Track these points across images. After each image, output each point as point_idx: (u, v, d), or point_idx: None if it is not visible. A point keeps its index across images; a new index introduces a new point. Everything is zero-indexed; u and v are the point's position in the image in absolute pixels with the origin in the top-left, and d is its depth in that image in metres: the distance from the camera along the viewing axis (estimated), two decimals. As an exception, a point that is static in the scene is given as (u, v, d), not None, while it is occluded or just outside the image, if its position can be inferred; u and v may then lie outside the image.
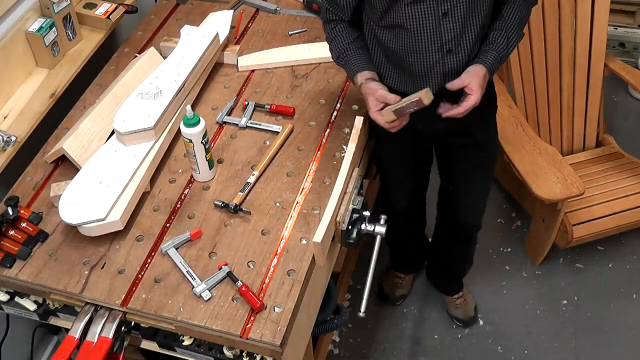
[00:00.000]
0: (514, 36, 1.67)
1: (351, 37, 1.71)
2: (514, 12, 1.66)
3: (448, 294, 2.47)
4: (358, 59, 1.69)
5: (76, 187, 1.59)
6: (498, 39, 1.65)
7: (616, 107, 3.13)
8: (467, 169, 1.95)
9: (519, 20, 1.67)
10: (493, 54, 1.63)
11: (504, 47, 1.65)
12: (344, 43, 1.71)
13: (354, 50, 1.70)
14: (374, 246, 1.70)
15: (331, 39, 1.73)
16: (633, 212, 2.38)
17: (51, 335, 2.25)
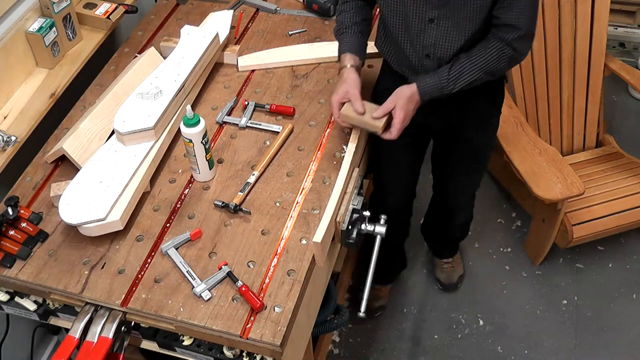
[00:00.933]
0: (465, 75, 1.62)
1: (356, 18, 1.73)
2: (483, 54, 1.62)
3: (438, 257, 2.54)
4: (353, 40, 1.71)
5: (76, 187, 1.59)
6: (445, 70, 1.63)
7: (616, 107, 3.14)
8: (458, 162, 2.01)
9: (482, 64, 1.62)
10: (433, 79, 1.63)
11: (445, 80, 1.63)
12: (347, 21, 1.73)
13: (353, 32, 1.72)
14: (374, 246, 1.70)
15: (339, 12, 1.77)
16: (633, 212, 2.38)
17: (51, 335, 2.25)
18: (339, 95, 1.63)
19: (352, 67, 1.66)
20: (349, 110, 1.62)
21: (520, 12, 1.54)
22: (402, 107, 1.60)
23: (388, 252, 2.29)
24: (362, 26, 1.74)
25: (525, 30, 1.57)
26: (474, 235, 2.69)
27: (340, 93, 1.63)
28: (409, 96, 1.61)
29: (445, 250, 2.52)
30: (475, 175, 2.11)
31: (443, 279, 2.53)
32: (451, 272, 2.53)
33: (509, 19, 1.56)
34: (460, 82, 1.63)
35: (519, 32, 1.57)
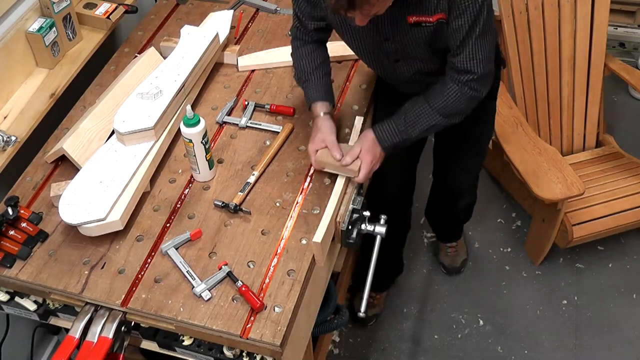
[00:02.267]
0: (423, 121, 1.62)
1: (316, 61, 1.72)
2: (440, 98, 1.60)
3: (442, 240, 2.56)
4: (319, 87, 1.71)
5: (76, 187, 1.59)
6: (401, 116, 1.63)
7: (616, 107, 3.13)
8: (457, 149, 2.03)
9: (441, 107, 1.60)
10: (390, 127, 1.64)
11: (402, 126, 1.63)
12: (308, 66, 1.72)
13: (317, 78, 1.72)
14: (374, 246, 1.70)
15: (296, 58, 1.75)
16: (633, 212, 2.38)
17: (51, 335, 2.25)
18: (315, 144, 1.65)
19: (325, 114, 1.68)
20: (324, 156, 1.64)
21: (469, 57, 1.53)
22: (367, 150, 1.62)
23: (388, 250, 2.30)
24: (324, 68, 1.74)
25: (480, 73, 1.55)
26: (474, 235, 2.69)
27: (316, 142, 1.65)
28: (372, 139, 1.64)
29: (449, 233, 2.54)
30: (475, 161, 2.12)
31: (447, 263, 2.56)
32: (455, 256, 2.55)
33: (461, 65, 1.55)
34: (419, 127, 1.63)
35: (473, 76, 1.56)
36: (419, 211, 2.58)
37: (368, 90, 1.94)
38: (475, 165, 2.14)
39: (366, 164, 1.62)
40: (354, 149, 1.63)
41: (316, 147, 1.65)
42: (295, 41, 1.76)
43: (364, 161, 1.62)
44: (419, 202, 2.44)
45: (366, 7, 1.34)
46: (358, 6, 1.32)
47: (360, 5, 1.32)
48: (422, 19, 1.50)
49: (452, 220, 2.48)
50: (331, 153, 1.63)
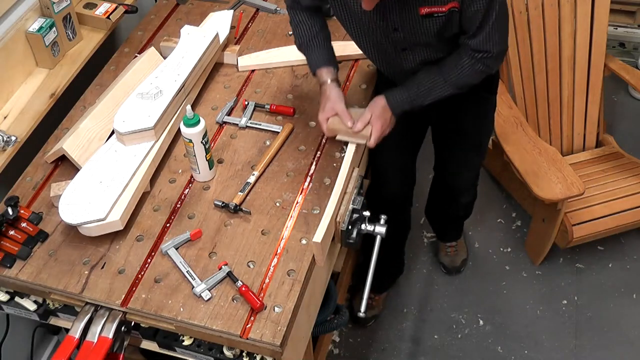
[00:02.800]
0: (436, 91, 1.66)
1: (315, 27, 1.74)
2: (454, 70, 1.63)
3: (442, 240, 2.57)
4: (322, 53, 1.73)
5: (76, 187, 1.59)
6: (414, 85, 1.66)
7: (616, 107, 3.13)
8: (457, 147, 2.04)
9: (454, 80, 1.64)
10: (403, 95, 1.67)
11: (415, 95, 1.67)
12: (307, 33, 1.73)
13: (319, 43, 1.73)
14: (374, 246, 1.70)
15: (295, 25, 1.76)
16: (633, 212, 2.38)
17: (51, 335, 2.25)
18: (326, 112, 1.67)
19: (332, 81, 1.70)
20: (336, 124, 1.67)
21: (486, 39, 1.56)
22: (378, 116, 1.65)
23: (389, 250, 2.30)
24: (323, 33, 1.75)
25: (496, 52, 1.60)
26: (474, 235, 2.69)
27: (327, 110, 1.67)
28: (383, 105, 1.67)
29: (449, 232, 2.54)
30: (475, 158, 2.12)
31: (447, 263, 2.56)
32: (455, 256, 2.55)
33: (477, 46, 1.58)
34: (431, 97, 1.67)
35: (489, 54, 1.59)
36: (418, 211, 2.58)
37: (368, 90, 1.94)
38: (476, 162, 2.14)
39: (377, 129, 1.65)
40: (365, 115, 1.65)
41: (327, 115, 1.67)
42: (290, 10, 1.76)
43: (375, 127, 1.64)
44: (419, 202, 2.45)
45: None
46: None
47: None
48: (434, 9, 1.50)
49: (452, 218, 2.47)
50: (342, 120, 1.65)
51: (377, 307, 2.44)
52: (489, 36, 1.55)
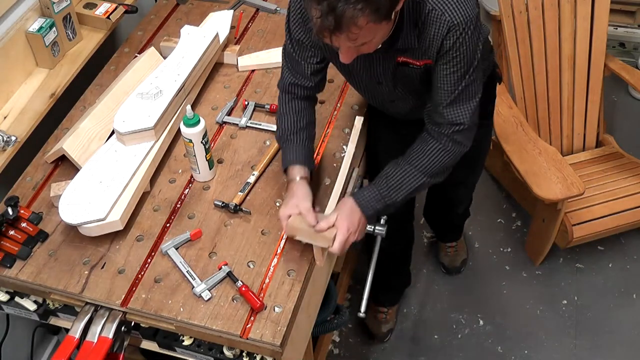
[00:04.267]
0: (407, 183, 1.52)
1: (301, 122, 1.62)
2: (423, 157, 1.51)
3: (441, 240, 2.57)
4: (299, 150, 1.59)
5: (76, 187, 1.59)
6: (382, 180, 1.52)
7: (616, 107, 3.13)
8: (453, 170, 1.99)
9: (425, 167, 1.51)
10: (372, 193, 1.52)
11: (385, 190, 1.52)
12: (290, 127, 1.61)
13: (299, 140, 1.60)
14: (374, 246, 1.70)
15: (281, 114, 1.64)
16: (633, 212, 2.38)
17: (51, 335, 2.25)
18: (288, 209, 1.50)
19: (302, 179, 1.55)
20: (297, 223, 1.48)
21: (464, 109, 1.47)
22: (343, 218, 1.48)
23: (395, 265, 2.29)
24: (307, 131, 1.62)
25: (469, 124, 1.49)
26: (474, 235, 2.69)
27: (289, 206, 1.50)
28: (350, 206, 1.51)
29: (448, 233, 2.55)
30: (472, 175, 2.13)
31: (447, 263, 2.56)
32: (454, 256, 2.56)
33: (453, 117, 1.48)
34: (403, 191, 1.52)
35: (462, 127, 1.49)
36: (418, 211, 2.57)
37: (360, 112, 1.93)
38: (472, 179, 2.16)
39: (342, 232, 1.46)
40: (330, 216, 1.48)
41: (289, 212, 1.49)
42: (284, 95, 1.64)
43: (340, 228, 1.46)
44: (418, 202, 2.44)
45: (354, 31, 1.23)
46: (345, 28, 1.22)
47: (348, 27, 1.22)
48: (409, 60, 1.46)
49: (449, 224, 2.50)
50: (305, 218, 1.48)
51: (392, 320, 2.41)
52: (460, 102, 1.46)
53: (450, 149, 1.51)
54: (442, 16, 1.36)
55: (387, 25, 1.31)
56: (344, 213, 1.49)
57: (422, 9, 1.37)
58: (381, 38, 1.37)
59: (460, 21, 1.35)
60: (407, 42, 1.42)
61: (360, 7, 1.19)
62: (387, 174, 1.53)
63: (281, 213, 1.51)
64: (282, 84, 1.64)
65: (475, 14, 1.37)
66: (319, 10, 1.21)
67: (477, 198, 2.37)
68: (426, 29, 1.39)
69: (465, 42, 1.38)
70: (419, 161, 1.52)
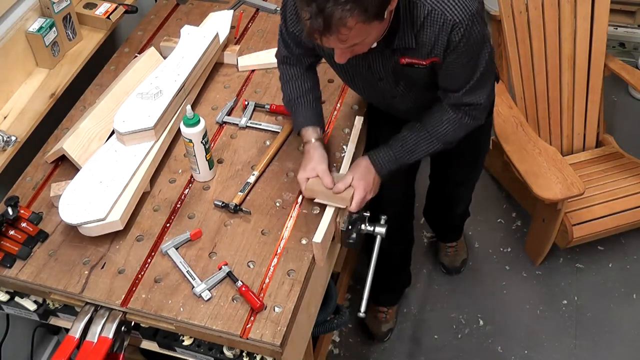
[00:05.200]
0: (422, 147, 1.58)
1: (306, 85, 1.66)
2: (440, 126, 1.57)
3: (441, 240, 2.57)
4: (309, 112, 1.65)
5: (76, 187, 1.59)
6: (398, 142, 1.58)
7: (616, 107, 3.13)
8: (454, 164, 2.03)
9: (440, 135, 1.58)
10: (387, 154, 1.59)
11: (400, 152, 1.59)
12: (296, 90, 1.66)
13: (307, 102, 1.65)
14: (374, 246, 1.70)
15: (285, 81, 1.68)
16: (633, 212, 2.38)
17: (51, 335, 2.25)
18: (306, 172, 1.57)
19: (317, 140, 1.61)
20: (315, 184, 1.56)
21: (474, 91, 1.50)
22: (360, 177, 1.55)
23: (395, 266, 2.29)
24: (314, 93, 1.67)
25: (485, 103, 1.54)
26: (474, 235, 2.69)
27: (307, 170, 1.57)
28: (366, 166, 1.58)
29: (448, 233, 2.55)
30: (471, 175, 2.14)
31: (447, 263, 2.56)
32: (454, 256, 2.56)
33: (463, 99, 1.52)
34: (417, 153, 1.59)
35: (477, 106, 1.54)
36: (418, 211, 2.57)
37: (360, 112, 1.92)
38: (472, 178, 2.16)
39: (359, 192, 1.54)
40: (347, 177, 1.55)
41: (307, 175, 1.57)
42: (282, 65, 1.70)
43: (357, 189, 1.54)
44: (418, 201, 2.44)
45: (343, 32, 1.24)
46: (334, 29, 1.23)
47: (337, 28, 1.22)
48: (414, 61, 1.47)
49: (449, 224, 2.50)
50: (322, 181, 1.55)
51: (391, 320, 2.41)
52: (476, 88, 1.50)
53: (466, 122, 1.56)
54: (443, 16, 1.36)
55: (379, 25, 1.31)
56: (359, 173, 1.56)
57: (420, 9, 1.37)
58: (375, 38, 1.37)
59: (463, 18, 1.36)
60: (404, 42, 1.42)
61: (348, 8, 1.19)
62: (404, 137, 1.59)
63: (300, 177, 1.58)
64: (279, 55, 1.69)
65: (475, 7, 1.38)
66: (308, 12, 1.22)
67: (477, 198, 2.37)
68: (426, 30, 1.39)
69: (472, 35, 1.39)
70: (435, 128, 1.57)
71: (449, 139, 1.59)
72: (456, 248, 2.56)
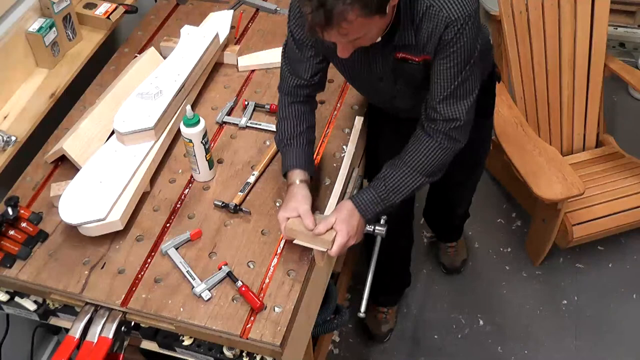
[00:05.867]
0: (405, 184, 1.51)
1: (301, 126, 1.61)
2: (420, 157, 1.50)
3: (441, 240, 2.57)
4: (300, 154, 1.58)
5: (76, 187, 1.59)
6: (381, 182, 1.51)
7: (616, 107, 3.13)
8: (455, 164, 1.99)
9: (422, 167, 1.51)
10: (370, 196, 1.51)
11: (384, 193, 1.51)
12: (290, 130, 1.60)
13: (299, 144, 1.59)
14: (374, 246, 1.70)
15: (281, 118, 1.63)
16: (633, 212, 2.38)
17: (51, 335, 2.25)
18: (287, 212, 1.50)
19: (302, 182, 1.54)
20: (296, 225, 1.48)
21: (459, 106, 1.46)
22: (343, 220, 1.48)
23: (395, 265, 2.29)
24: (307, 135, 1.61)
25: (465, 120, 1.48)
26: (474, 235, 2.69)
27: (289, 209, 1.50)
28: (349, 209, 1.50)
29: (448, 234, 2.55)
30: (472, 176, 2.14)
31: (447, 263, 2.56)
32: (455, 256, 2.56)
33: (447, 112, 1.47)
34: (402, 192, 1.52)
35: (457, 123, 1.48)
36: (418, 211, 2.57)
37: (360, 112, 1.93)
38: (473, 180, 2.16)
39: (341, 235, 1.46)
40: (329, 219, 1.48)
41: (288, 215, 1.49)
42: (284, 97, 1.64)
43: (340, 232, 1.46)
44: (418, 201, 2.44)
45: (344, 26, 1.23)
46: (335, 23, 1.22)
47: (338, 22, 1.22)
48: (408, 57, 1.46)
49: (449, 225, 2.51)
50: (304, 221, 1.47)
51: (391, 320, 2.41)
52: (454, 99, 1.45)
53: (445, 146, 1.50)
54: (439, 12, 1.36)
55: (381, 20, 1.31)
56: (342, 216, 1.49)
57: (420, 5, 1.38)
58: (377, 33, 1.37)
59: (458, 17, 1.35)
60: (404, 39, 1.42)
61: (349, 2, 1.20)
62: (385, 176, 1.52)
63: (280, 216, 1.51)
64: (282, 86, 1.64)
65: (473, 9, 1.37)
66: (309, 6, 1.22)
67: (477, 198, 2.37)
68: (423, 26, 1.39)
69: (463, 37, 1.38)
70: (415, 161, 1.51)
71: (432, 169, 1.52)
72: (456, 248, 2.56)
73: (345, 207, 1.51)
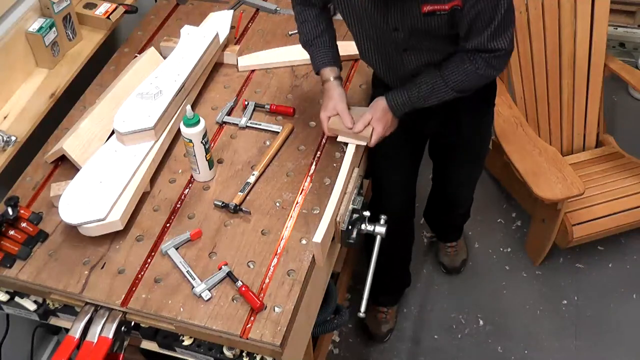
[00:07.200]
0: (437, 94, 1.63)
1: (321, 25, 1.73)
2: (456, 75, 1.59)
3: (441, 240, 2.58)
4: (326, 51, 1.73)
5: (76, 187, 1.59)
6: (415, 87, 1.64)
7: (616, 107, 3.13)
8: (455, 161, 2.04)
9: (456, 84, 1.60)
10: (403, 97, 1.66)
11: (415, 98, 1.65)
12: (313, 31, 1.73)
13: (323, 42, 1.73)
14: (374, 246, 1.70)
15: (300, 22, 1.75)
16: (633, 212, 2.38)
17: (51, 335, 2.25)
18: (327, 111, 1.69)
19: (335, 79, 1.70)
20: (337, 124, 1.68)
21: (494, 37, 1.50)
22: (379, 118, 1.66)
23: (395, 264, 2.29)
24: (329, 32, 1.75)
25: (505, 50, 1.53)
26: (474, 235, 2.69)
27: (329, 109, 1.68)
28: (384, 107, 1.67)
29: (448, 234, 2.55)
30: (473, 171, 2.14)
31: (447, 263, 2.57)
32: (454, 256, 2.56)
33: (483, 45, 1.51)
34: (431, 100, 1.65)
35: (497, 53, 1.53)
36: (418, 212, 2.57)
37: (368, 90, 1.95)
38: (474, 176, 2.17)
39: (377, 131, 1.66)
40: (366, 116, 1.66)
41: (328, 114, 1.68)
42: (297, 6, 1.76)
43: (376, 128, 1.66)
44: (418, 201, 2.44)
45: None
46: None
47: None
48: (436, 7, 1.47)
49: (450, 224, 2.51)
50: (343, 121, 1.66)
51: (391, 320, 2.41)
52: (497, 34, 1.49)
53: (484, 73, 1.57)
54: None
55: None
56: (378, 115, 1.66)
57: None
58: None
59: None
60: None
61: None
62: (420, 84, 1.63)
63: (321, 116, 1.69)
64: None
65: None
66: None
67: (477, 198, 2.37)
68: None
69: None
70: (452, 78, 1.59)
71: (464, 87, 1.61)
72: (456, 248, 2.56)
73: (380, 105, 1.67)
